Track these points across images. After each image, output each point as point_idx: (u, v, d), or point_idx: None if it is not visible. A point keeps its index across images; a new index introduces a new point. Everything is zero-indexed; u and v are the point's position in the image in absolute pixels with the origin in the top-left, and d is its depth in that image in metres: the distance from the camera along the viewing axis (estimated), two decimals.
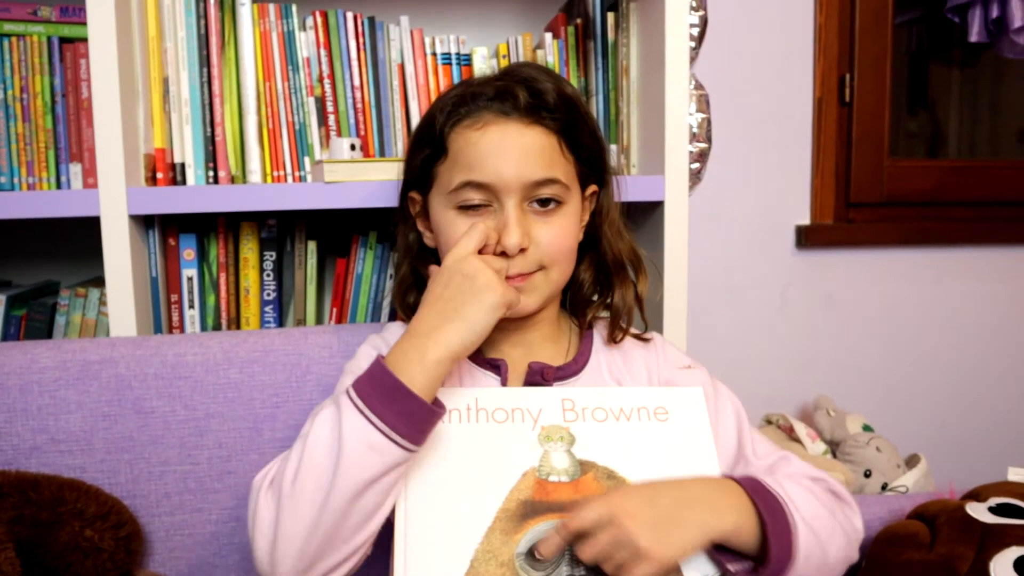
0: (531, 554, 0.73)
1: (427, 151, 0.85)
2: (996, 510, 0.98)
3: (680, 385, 0.88)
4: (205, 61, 1.18)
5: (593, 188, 0.89)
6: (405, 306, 0.92)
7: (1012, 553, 0.90)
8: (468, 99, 0.82)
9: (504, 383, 0.86)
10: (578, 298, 0.92)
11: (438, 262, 0.88)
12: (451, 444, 0.78)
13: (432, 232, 0.88)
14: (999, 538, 0.93)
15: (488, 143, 0.79)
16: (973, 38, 1.63)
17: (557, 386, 0.86)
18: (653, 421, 0.82)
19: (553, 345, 0.90)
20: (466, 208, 0.81)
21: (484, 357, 0.88)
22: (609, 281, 0.91)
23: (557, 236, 0.82)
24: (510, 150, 0.79)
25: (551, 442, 0.79)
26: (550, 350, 0.89)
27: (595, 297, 0.92)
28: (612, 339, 0.90)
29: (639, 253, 0.92)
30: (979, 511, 0.98)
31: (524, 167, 0.79)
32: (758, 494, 0.73)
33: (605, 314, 0.92)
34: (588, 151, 0.86)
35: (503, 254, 0.79)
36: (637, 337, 0.93)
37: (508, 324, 0.88)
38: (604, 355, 0.91)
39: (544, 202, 0.81)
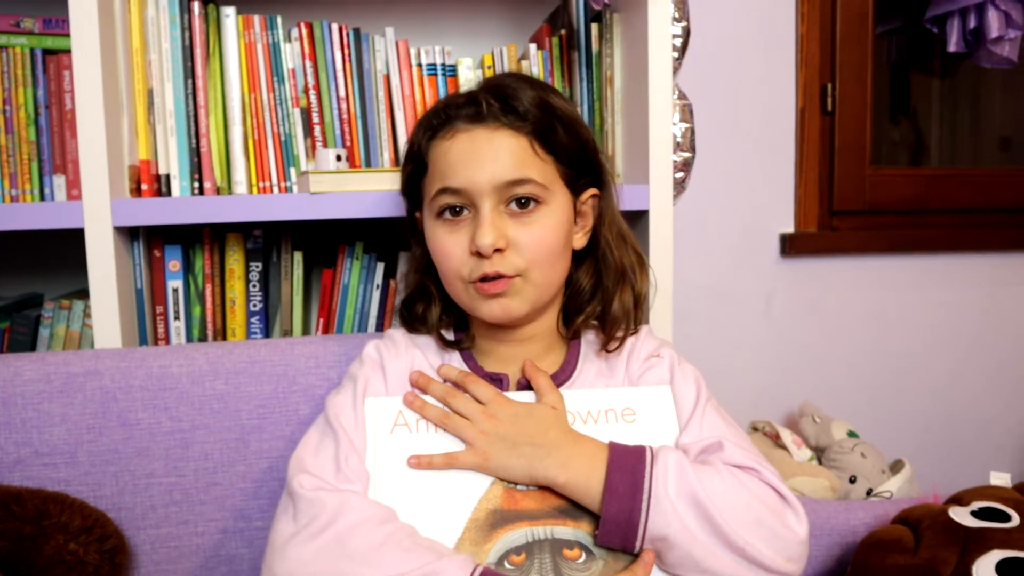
0: (501, 564, 0.74)
1: (411, 167, 0.87)
2: (978, 514, 0.99)
3: (646, 381, 0.88)
4: (190, 73, 1.18)
5: (592, 191, 0.88)
6: (413, 315, 0.92)
7: (994, 556, 0.90)
8: (442, 112, 0.84)
9: None
10: (574, 304, 0.91)
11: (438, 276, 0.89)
12: (419, 454, 0.79)
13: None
14: (981, 542, 0.93)
15: (458, 150, 0.81)
16: (951, 48, 1.65)
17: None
18: (621, 423, 0.82)
19: (549, 355, 0.90)
20: (447, 216, 0.83)
21: (486, 371, 0.88)
22: (604, 287, 0.90)
23: (537, 236, 0.81)
24: (479, 154, 0.80)
25: None
26: (547, 361, 0.89)
27: (589, 305, 0.91)
28: (606, 349, 0.89)
29: (641, 254, 0.92)
30: (962, 515, 0.99)
31: (495, 169, 0.80)
32: (622, 466, 0.75)
33: (595, 321, 0.91)
34: (568, 151, 0.85)
35: (478, 255, 0.80)
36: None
37: (507, 335, 0.88)
38: (593, 363, 0.90)
39: (523, 204, 0.81)
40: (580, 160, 0.86)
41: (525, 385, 0.86)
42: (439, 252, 0.84)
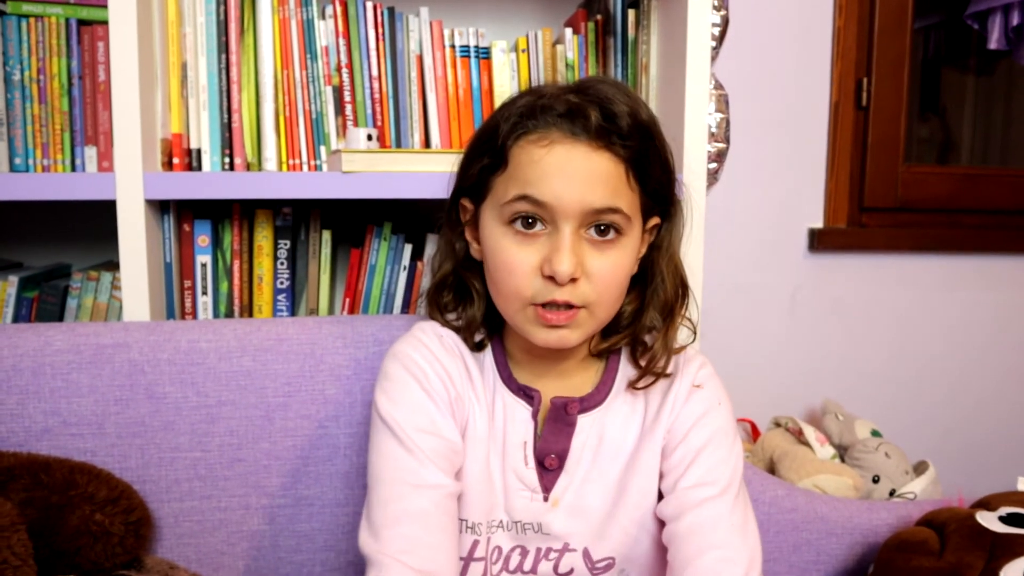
0: None
1: (486, 160, 0.79)
2: (1006, 520, 0.98)
3: (688, 405, 0.85)
4: (224, 47, 1.18)
5: (655, 220, 0.83)
6: (439, 304, 0.87)
7: (1022, 563, 0.90)
8: (536, 112, 0.76)
9: (535, 413, 0.84)
10: (612, 327, 0.85)
11: (482, 275, 0.83)
12: None
13: (479, 244, 0.83)
14: (1010, 548, 0.92)
15: (552, 162, 0.74)
16: (992, 45, 1.63)
17: (581, 418, 0.84)
18: None
19: (583, 373, 0.87)
20: (518, 227, 0.76)
21: (519, 383, 0.85)
22: (643, 320, 0.85)
23: (610, 270, 0.76)
24: (574, 173, 0.74)
25: None
26: (579, 379, 0.86)
27: (626, 330, 0.86)
28: (634, 386, 0.85)
29: (688, 284, 0.87)
30: (989, 520, 0.98)
31: (587, 193, 0.74)
32: None
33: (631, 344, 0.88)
34: (656, 183, 0.79)
35: (550, 279, 0.74)
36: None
37: (544, 352, 0.83)
38: (628, 390, 0.86)
39: (602, 231, 0.76)
40: (662, 192, 0.81)
41: (552, 406, 0.83)
42: (502, 264, 0.77)
